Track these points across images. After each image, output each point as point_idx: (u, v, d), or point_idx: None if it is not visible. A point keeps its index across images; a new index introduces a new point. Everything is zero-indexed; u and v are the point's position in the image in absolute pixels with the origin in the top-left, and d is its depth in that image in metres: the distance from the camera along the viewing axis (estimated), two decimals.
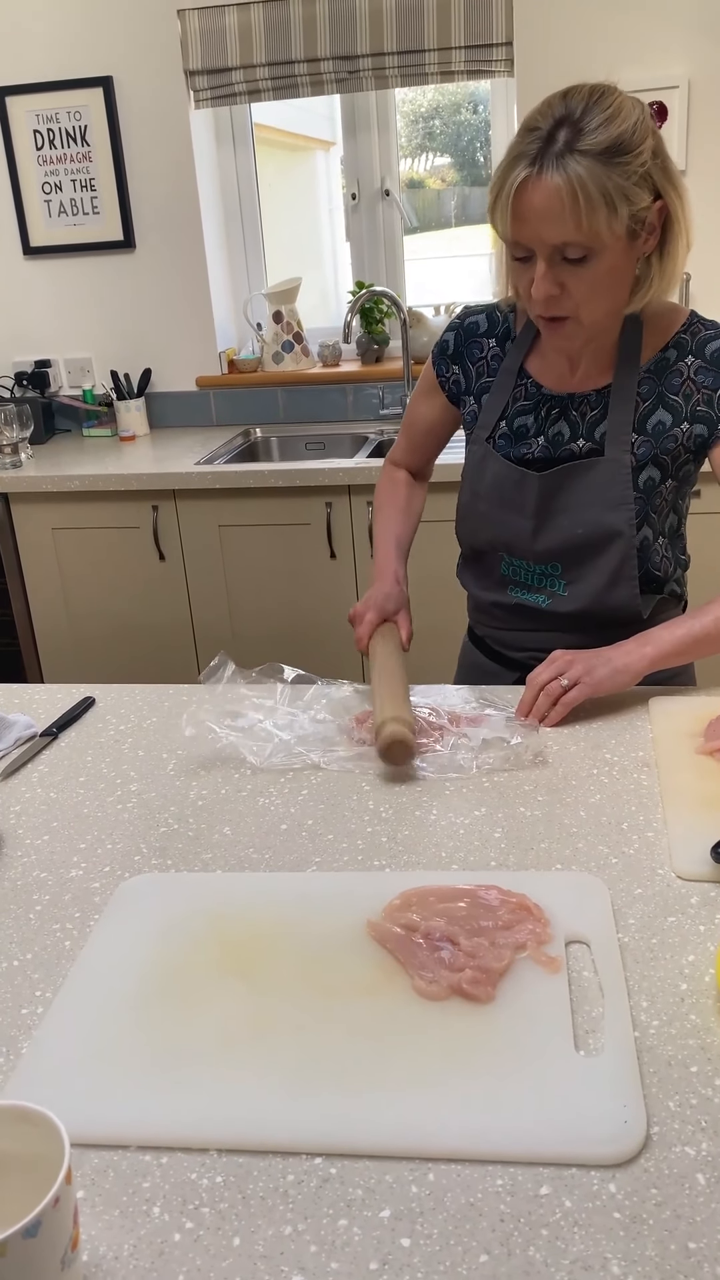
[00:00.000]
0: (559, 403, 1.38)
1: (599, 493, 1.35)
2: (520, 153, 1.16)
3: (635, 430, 1.34)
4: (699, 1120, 0.71)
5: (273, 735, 1.28)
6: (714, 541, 2.58)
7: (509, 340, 1.43)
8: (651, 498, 1.36)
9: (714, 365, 1.32)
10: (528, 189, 1.15)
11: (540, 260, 1.20)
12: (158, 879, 1.03)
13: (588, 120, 1.15)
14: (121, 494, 2.78)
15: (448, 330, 1.48)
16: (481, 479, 1.43)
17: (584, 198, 1.14)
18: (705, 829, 1.02)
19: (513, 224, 1.18)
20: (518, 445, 1.40)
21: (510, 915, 0.91)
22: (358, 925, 0.92)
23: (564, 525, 1.38)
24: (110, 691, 1.48)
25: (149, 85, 3.03)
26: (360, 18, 2.85)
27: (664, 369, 1.34)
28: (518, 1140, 0.70)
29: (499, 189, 1.18)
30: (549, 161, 1.14)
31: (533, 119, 1.18)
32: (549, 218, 1.16)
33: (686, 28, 2.74)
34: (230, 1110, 0.74)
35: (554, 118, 1.16)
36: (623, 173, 1.15)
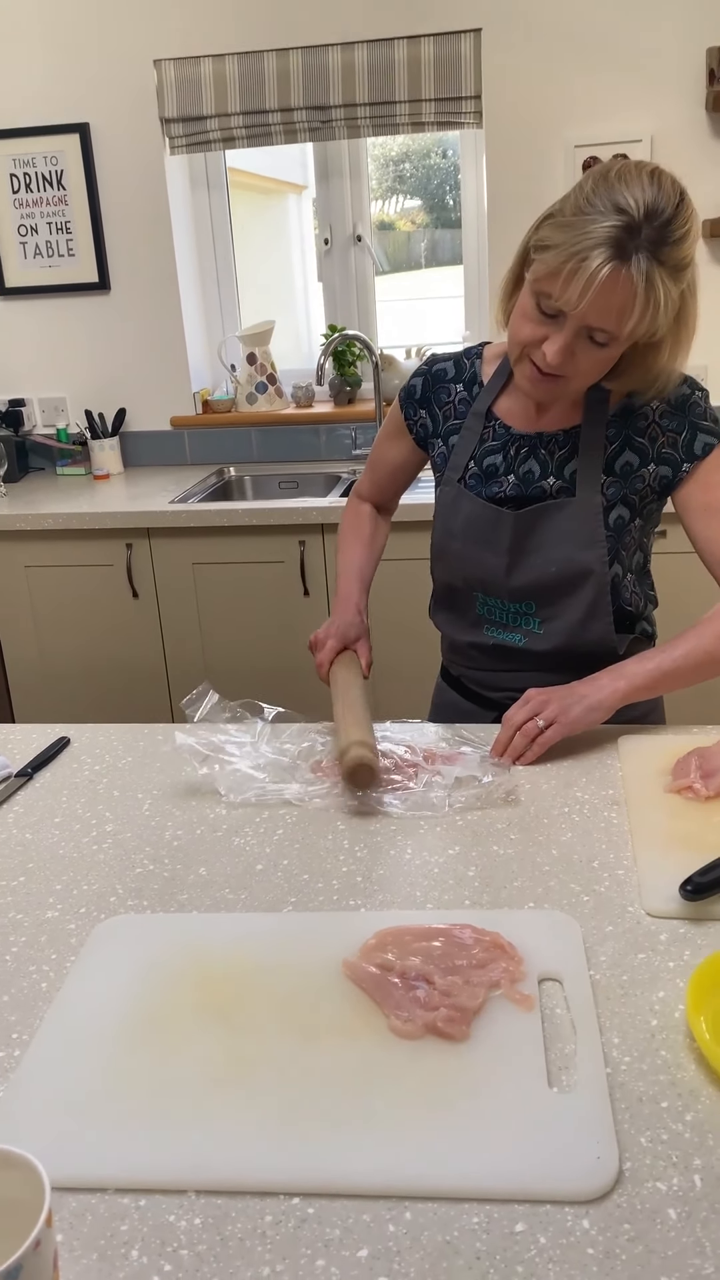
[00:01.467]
0: (527, 442, 1.42)
1: (572, 531, 1.38)
2: (605, 234, 1.15)
3: (605, 471, 1.38)
4: (670, 1155, 0.73)
5: (250, 775, 1.29)
6: (681, 581, 2.62)
7: (476, 385, 1.47)
8: (621, 536, 1.40)
9: (677, 409, 1.37)
10: (611, 278, 1.16)
11: (568, 332, 1.22)
12: (134, 920, 1.03)
13: (672, 229, 1.17)
14: (95, 532, 2.79)
15: (415, 376, 1.52)
16: (455, 518, 1.46)
17: (653, 304, 1.17)
18: (674, 866, 1.04)
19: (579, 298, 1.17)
20: (489, 484, 1.43)
21: (484, 954, 0.92)
22: (334, 965, 0.93)
23: (537, 563, 1.41)
24: (85, 731, 1.48)
25: (125, 132, 3.09)
26: (333, 70, 2.92)
27: (630, 413, 1.38)
28: (493, 1178, 0.71)
29: (580, 265, 1.15)
30: (636, 256, 1.15)
31: (619, 194, 1.16)
32: (614, 310, 1.18)
33: (650, 84, 2.83)
34: (208, 1151, 0.74)
35: (645, 206, 1.15)
36: (678, 288, 1.20)
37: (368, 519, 1.69)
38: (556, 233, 1.19)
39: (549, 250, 1.19)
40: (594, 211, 1.16)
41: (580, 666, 1.38)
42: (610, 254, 1.15)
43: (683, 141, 2.85)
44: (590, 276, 1.15)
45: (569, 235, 1.17)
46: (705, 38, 2.76)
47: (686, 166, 2.93)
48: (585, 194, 1.19)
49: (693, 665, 1.32)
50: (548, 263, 1.19)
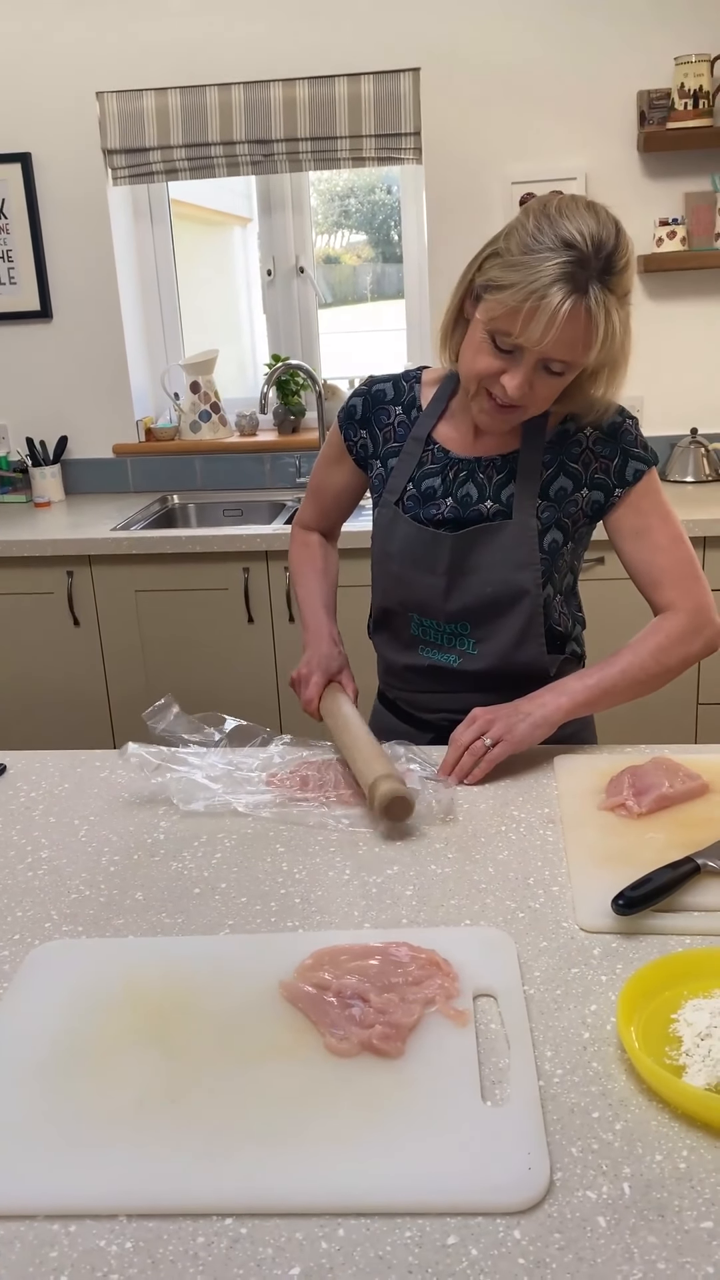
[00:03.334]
0: (466, 466, 1.44)
1: (508, 553, 1.41)
2: (559, 271, 1.18)
3: (540, 495, 1.41)
4: (600, 1164, 0.73)
5: (203, 785, 1.29)
6: (612, 605, 2.67)
7: (415, 409, 1.49)
8: (554, 558, 1.43)
9: (610, 436, 1.41)
10: (573, 314, 1.19)
11: (526, 365, 1.25)
12: (69, 945, 1.02)
13: (616, 257, 1.21)
14: (35, 560, 2.77)
15: (354, 396, 1.54)
16: (392, 540, 1.48)
17: (608, 334, 1.22)
18: (607, 882, 1.05)
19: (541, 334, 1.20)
20: (426, 507, 1.45)
21: (420, 971, 0.93)
22: (270, 986, 0.92)
23: (474, 584, 1.43)
24: (21, 758, 1.47)
25: (67, 162, 3.10)
26: (275, 105, 2.97)
27: (564, 439, 1.41)
28: (426, 1192, 0.71)
29: (539, 303, 1.18)
30: (593, 290, 1.19)
31: (564, 229, 1.19)
32: (575, 342, 1.22)
33: (584, 124, 2.91)
34: (140, 1175, 0.74)
35: (591, 240, 1.19)
36: (625, 315, 1.25)
37: (318, 548, 1.69)
38: (509, 272, 1.21)
39: (505, 290, 1.21)
40: (543, 249, 1.20)
41: (513, 687, 1.41)
42: (569, 289, 1.19)
43: (615, 180, 2.94)
44: (553, 314, 1.19)
45: (523, 274, 1.20)
46: (636, 80, 2.86)
47: (618, 203, 3.01)
48: (530, 231, 1.22)
49: (629, 682, 1.36)
50: (505, 302, 1.22)
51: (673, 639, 1.39)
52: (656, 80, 2.84)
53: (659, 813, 1.20)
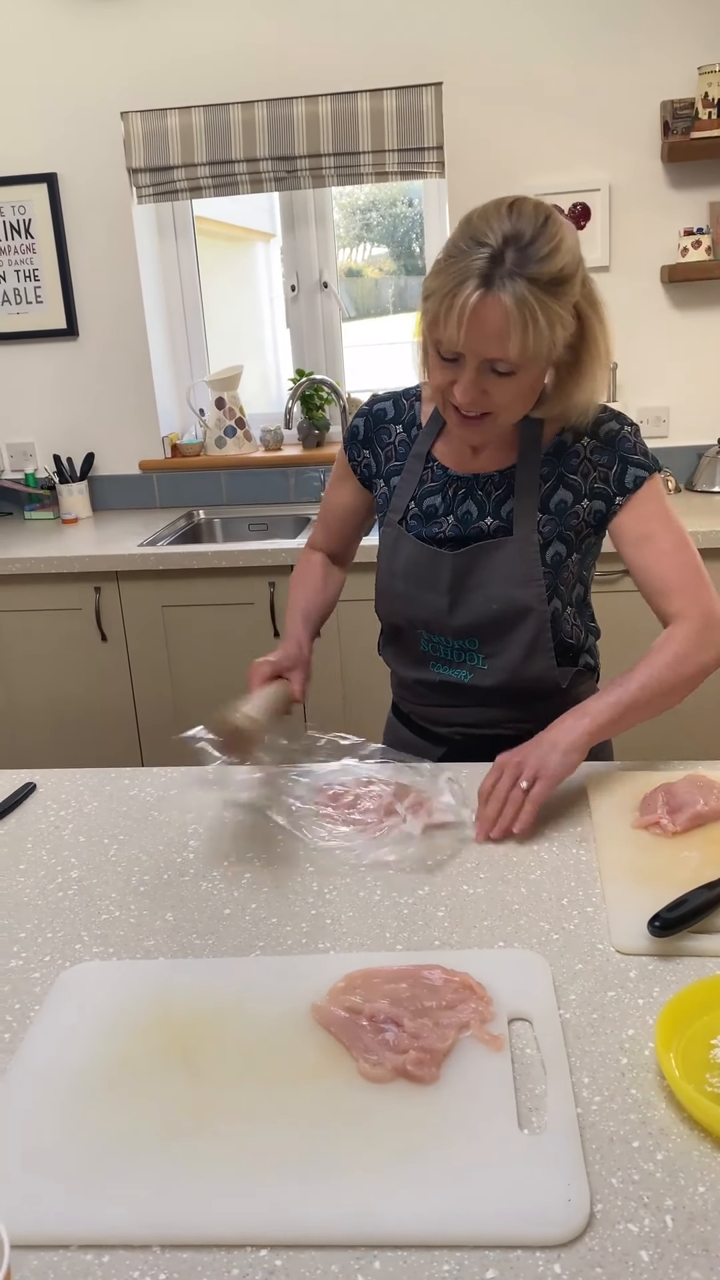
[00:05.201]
0: (465, 483, 1.43)
1: (510, 570, 1.40)
2: (469, 268, 1.18)
3: (540, 509, 1.40)
4: (641, 1196, 0.72)
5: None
6: (636, 616, 2.65)
7: (415, 427, 1.49)
8: (560, 572, 1.42)
9: (608, 444, 1.39)
10: (480, 307, 1.19)
11: (469, 369, 1.24)
12: (99, 968, 1.02)
13: (536, 247, 1.19)
14: (63, 576, 2.78)
15: (357, 417, 1.54)
16: (396, 559, 1.47)
17: (532, 323, 1.19)
18: (642, 903, 1.03)
19: (463, 335, 1.20)
20: (429, 525, 1.45)
21: (454, 995, 0.91)
22: (302, 1009, 0.92)
23: (478, 601, 1.42)
24: (51, 776, 1.47)
25: (93, 182, 3.12)
26: (297, 122, 2.98)
27: (562, 450, 1.40)
28: (464, 1224, 0.70)
29: (451, 302, 1.19)
30: (500, 282, 1.18)
31: (479, 230, 1.20)
32: (495, 337, 1.20)
33: (607, 135, 2.90)
34: (173, 1204, 0.73)
35: (502, 235, 1.19)
36: (562, 302, 1.22)
37: (317, 566, 1.67)
38: (432, 280, 1.23)
39: (429, 299, 1.23)
40: (460, 253, 1.20)
41: (525, 700, 1.39)
42: (476, 284, 1.18)
43: (639, 190, 2.93)
44: (461, 309, 1.19)
45: (442, 279, 1.21)
46: (660, 90, 2.85)
47: (643, 214, 3.02)
48: (453, 240, 1.23)
49: (650, 696, 1.30)
50: (430, 310, 1.23)
51: (687, 649, 1.32)
52: (680, 90, 2.83)
53: (693, 831, 1.18)
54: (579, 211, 2.95)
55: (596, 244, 2.96)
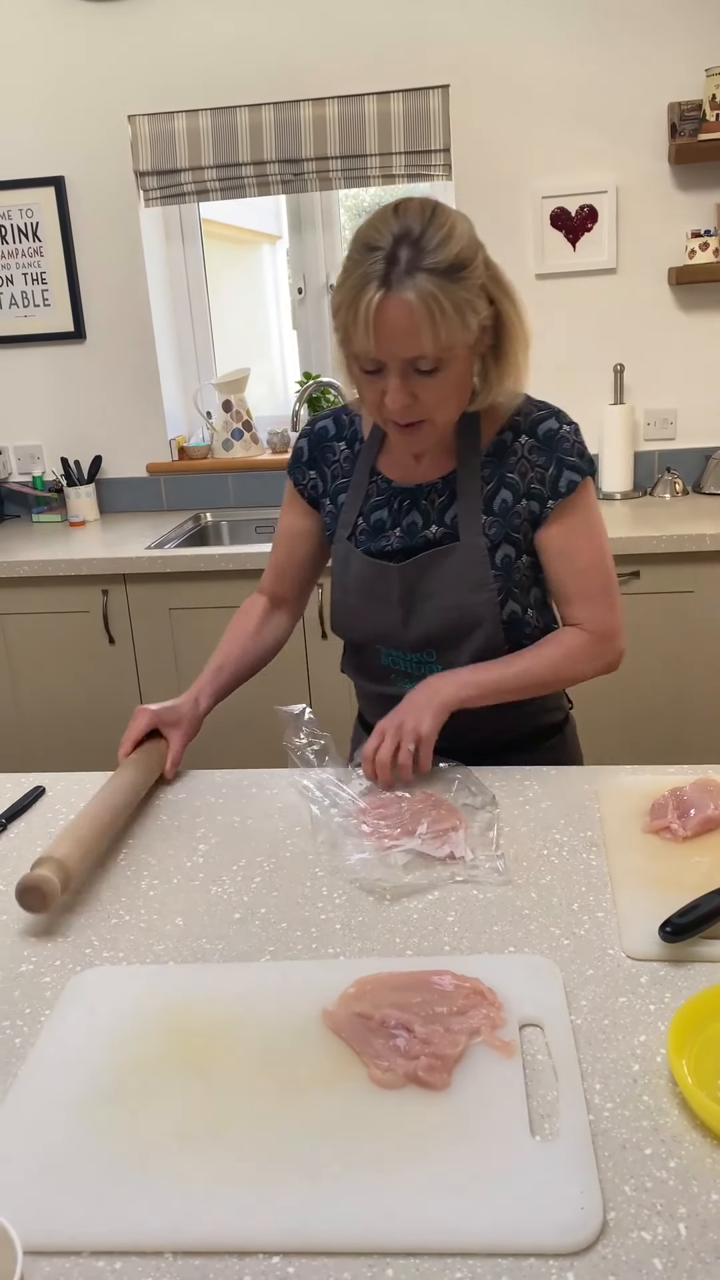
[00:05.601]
0: (409, 494, 1.43)
1: (460, 576, 1.39)
2: (368, 273, 1.19)
3: (484, 512, 1.39)
4: (654, 1204, 0.72)
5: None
6: (647, 619, 2.65)
7: (358, 442, 1.48)
8: (511, 574, 1.41)
9: (545, 444, 1.38)
10: (384, 308, 1.18)
11: (393, 375, 1.24)
12: (109, 972, 1.02)
13: (428, 239, 1.19)
14: (71, 579, 2.79)
15: (300, 438, 1.53)
16: (347, 575, 1.47)
17: (440, 313, 1.19)
18: (654, 908, 1.03)
19: (374, 341, 1.21)
20: (377, 539, 1.44)
21: (464, 1000, 0.91)
22: (313, 1015, 0.91)
23: (431, 611, 1.41)
24: (60, 780, 1.47)
25: (100, 185, 3.13)
26: (304, 124, 2.98)
27: (502, 450, 1.39)
28: (476, 1232, 0.70)
29: (355, 310, 1.20)
30: (399, 281, 1.18)
31: (370, 237, 1.21)
32: (406, 335, 1.20)
33: (613, 136, 2.90)
34: (185, 1211, 0.73)
35: (392, 235, 1.19)
36: (466, 287, 1.21)
37: (254, 616, 1.59)
38: (335, 296, 1.24)
39: (336, 314, 1.24)
40: (355, 263, 1.21)
41: (487, 708, 1.38)
42: (376, 286, 1.18)
43: (646, 192, 2.92)
44: (366, 315, 1.19)
45: (343, 292, 1.22)
46: (667, 92, 2.84)
47: (650, 216, 3.02)
48: (348, 254, 1.24)
49: (523, 685, 1.40)
50: (340, 325, 1.24)
51: (574, 657, 1.41)
52: (687, 92, 2.83)
53: (704, 835, 1.18)
54: (586, 214, 2.95)
55: (604, 246, 2.96)
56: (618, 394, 3.01)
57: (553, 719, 1.56)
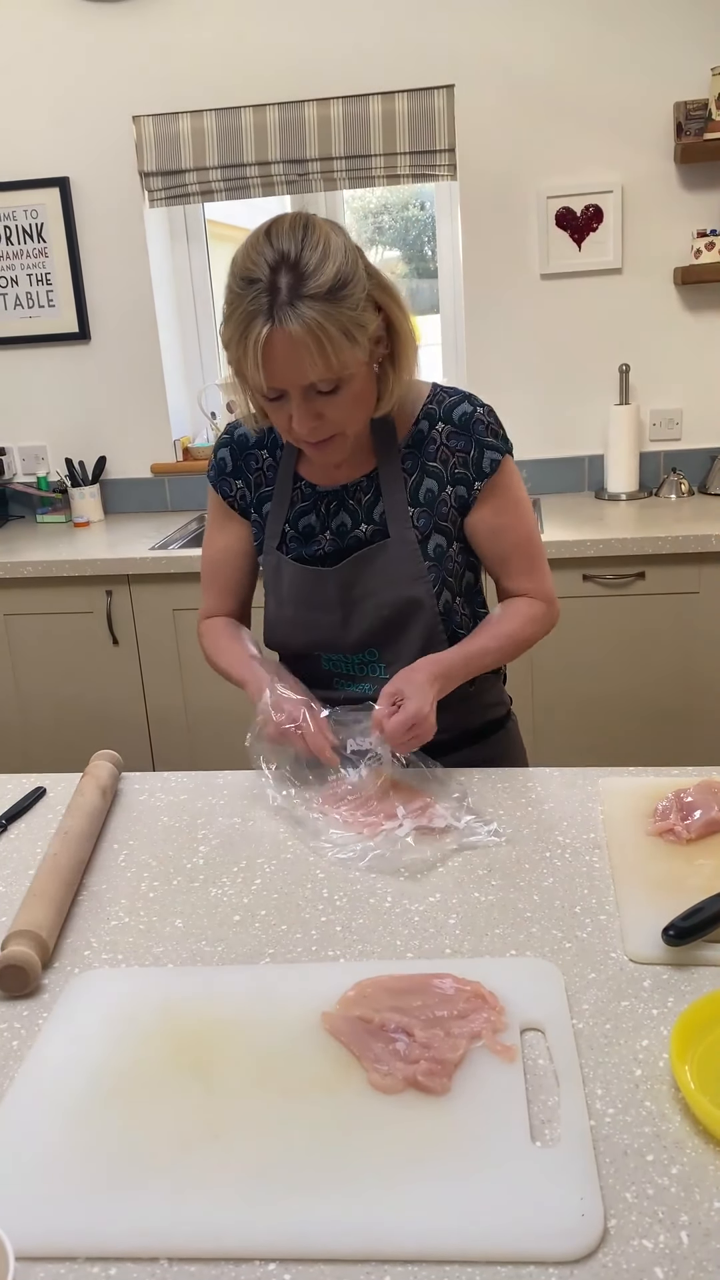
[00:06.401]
0: (334, 496, 1.42)
1: (395, 571, 1.39)
2: (251, 310, 1.17)
3: (411, 504, 1.39)
4: (656, 1211, 0.71)
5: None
6: (649, 618, 2.64)
7: (278, 449, 1.45)
8: (444, 563, 1.41)
9: (463, 429, 1.38)
10: (271, 343, 1.17)
11: (295, 400, 1.22)
12: (108, 974, 1.01)
13: (305, 262, 1.16)
14: (75, 579, 2.78)
15: (220, 449, 1.49)
16: (280, 586, 1.45)
17: (327, 339, 1.17)
18: (657, 911, 1.02)
19: (265, 374, 1.19)
20: (308, 545, 1.43)
21: (465, 1004, 0.91)
22: (312, 1018, 0.91)
23: (369, 610, 1.41)
24: (61, 781, 1.46)
25: (105, 186, 3.13)
26: (309, 124, 2.98)
27: (420, 441, 1.39)
28: (475, 1239, 0.69)
29: (245, 347, 1.18)
30: (282, 313, 1.16)
31: (247, 268, 1.18)
32: (297, 364, 1.18)
33: (619, 136, 2.89)
34: (182, 1217, 0.72)
35: (268, 264, 1.17)
36: (351, 304, 1.19)
37: (226, 625, 1.54)
38: (224, 333, 1.22)
39: (227, 350, 1.23)
40: (236, 297, 1.19)
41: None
42: (261, 321, 1.16)
43: (652, 192, 2.91)
44: (255, 352, 1.17)
45: (229, 329, 1.20)
46: (673, 92, 2.83)
47: (655, 216, 3.01)
48: (227, 286, 1.21)
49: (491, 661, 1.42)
50: (232, 361, 1.23)
51: (530, 625, 1.44)
52: (693, 91, 2.81)
53: (708, 838, 1.17)
54: (591, 213, 2.93)
55: (609, 246, 2.95)
56: (623, 394, 3.00)
57: (495, 714, 1.56)
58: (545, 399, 3.10)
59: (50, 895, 1.10)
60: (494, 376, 3.06)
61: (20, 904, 1.09)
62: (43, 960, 1.02)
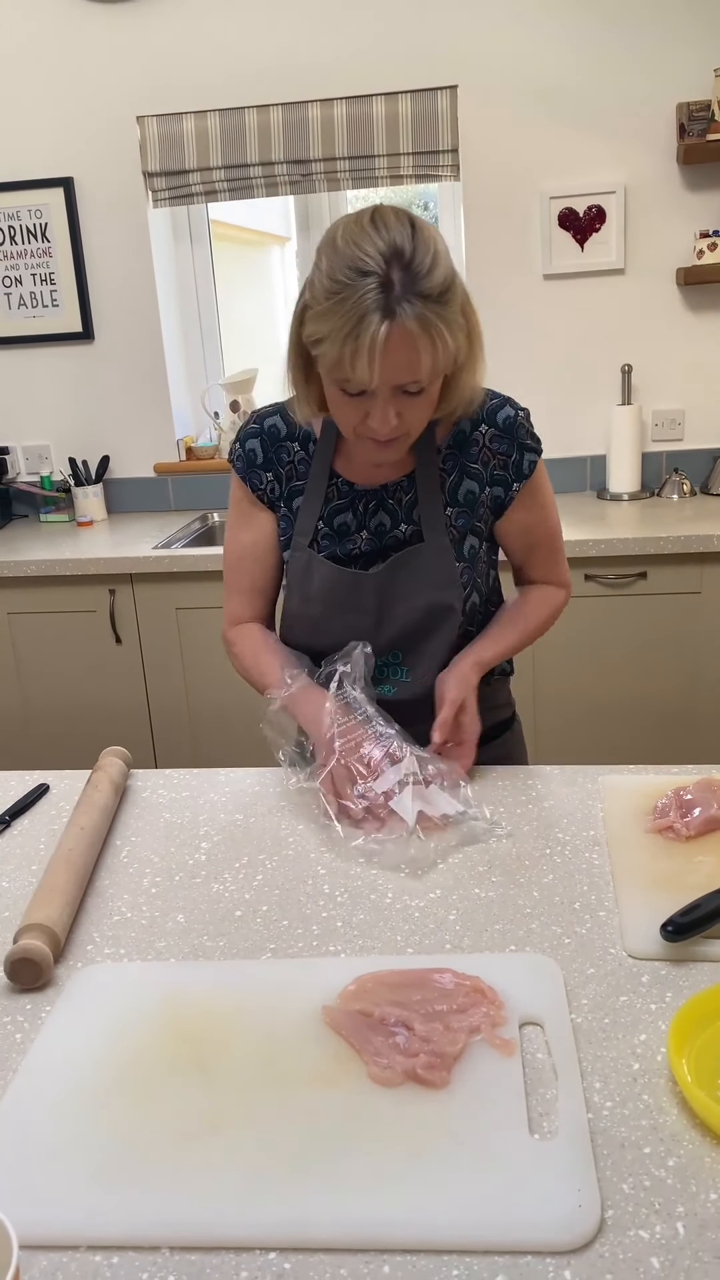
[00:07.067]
0: (374, 495, 1.40)
1: (429, 575, 1.39)
2: (364, 303, 1.13)
3: (449, 504, 1.39)
4: (652, 1203, 0.71)
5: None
6: (653, 618, 2.65)
7: (311, 442, 1.42)
8: (475, 564, 1.42)
9: (506, 432, 1.39)
10: (388, 340, 1.14)
11: (383, 397, 1.20)
12: (110, 969, 1.02)
13: (419, 261, 1.14)
14: (78, 578, 2.79)
15: (250, 439, 1.44)
16: (309, 585, 1.41)
17: (439, 340, 1.16)
18: (655, 907, 1.03)
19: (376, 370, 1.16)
20: (343, 543, 1.41)
21: (465, 999, 0.91)
22: (313, 1012, 0.91)
23: (401, 613, 1.40)
24: (64, 778, 1.47)
25: (109, 186, 3.14)
26: (313, 125, 2.98)
27: (462, 441, 1.39)
28: (473, 1229, 0.70)
29: (357, 341, 1.14)
30: (399, 308, 1.13)
31: (357, 258, 1.14)
32: (407, 364, 1.17)
33: (622, 136, 2.90)
34: (183, 1207, 0.73)
35: (383, 255, 1.14)
36: (454, 308, 1.18)
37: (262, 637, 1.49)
38: (322, 323, 1.17)
39: (324, 342, 1.17)
40: (344, 288, 1.14)
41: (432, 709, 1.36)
42: (379, 318, 1.13)
43: (655, 192, 2.92)
44: (371, 349, 1.14)
45: (334, 321, 1.15)
46: (675, 93, 2.84)
47: (658, 217, 3.01)
48: (326, 273, 1.17)
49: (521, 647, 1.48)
50: (329, 354, 1.17)
51: (552, 617, 1.52)
52: (696, 92, 2.82)
53: (707, 835, 1.18)
54: (594, 214, 2.94)
55: (611, 246, 2.95)
56: (625, 395, 3.01)
57: (501, 716, 1.56)
58: (547, 399, 3.11)
59: (63, 890, 1.10)
60: (496, 376, 3.05)
61: (33, 897, 1.10)
62: (54, 954, 1.03)
